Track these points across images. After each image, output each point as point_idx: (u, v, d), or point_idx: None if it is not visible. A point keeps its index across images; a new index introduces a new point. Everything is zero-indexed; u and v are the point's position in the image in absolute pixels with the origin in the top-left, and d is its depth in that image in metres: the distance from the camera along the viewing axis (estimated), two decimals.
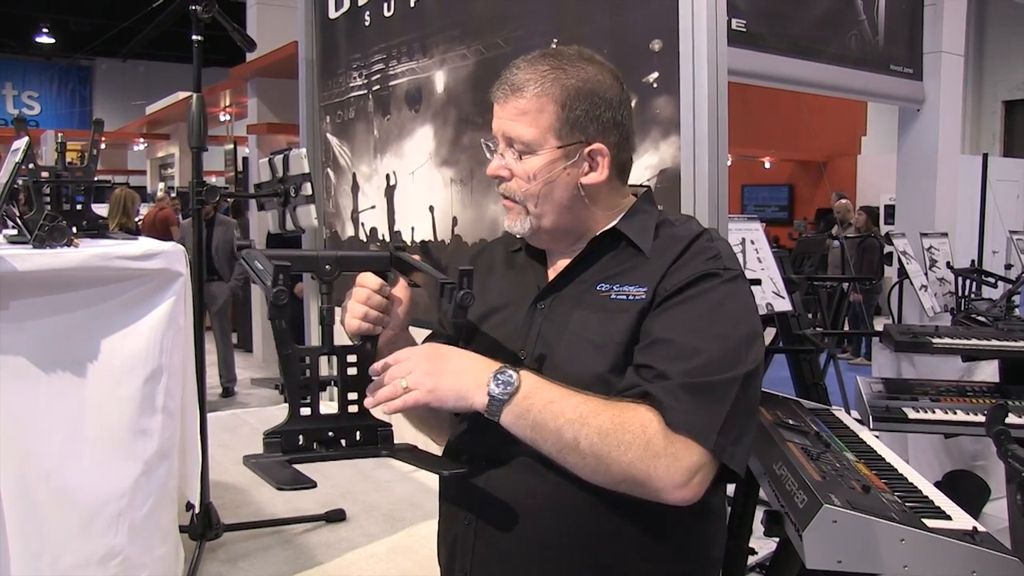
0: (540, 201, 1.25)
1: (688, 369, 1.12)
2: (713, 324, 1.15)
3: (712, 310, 1.17)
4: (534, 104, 1.22)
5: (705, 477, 1.10)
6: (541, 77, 1.22)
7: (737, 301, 1.20)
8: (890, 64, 3.96)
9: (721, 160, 2.20)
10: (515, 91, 1.23)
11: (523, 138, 1.23)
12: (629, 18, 2.51)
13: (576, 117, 1.22)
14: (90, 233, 2.47)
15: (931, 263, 4.32)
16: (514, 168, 1.24)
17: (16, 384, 2.03)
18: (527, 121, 1.22)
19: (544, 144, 1.22)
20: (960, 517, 1.43)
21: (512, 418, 1.11)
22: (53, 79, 21.39)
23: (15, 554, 2.00)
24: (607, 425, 1.09)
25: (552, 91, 1.22)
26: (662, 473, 1.08)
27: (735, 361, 1.13)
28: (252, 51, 3.55)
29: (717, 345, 1.14)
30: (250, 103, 8.74)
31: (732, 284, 1.20)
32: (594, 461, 1.09)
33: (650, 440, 1.08)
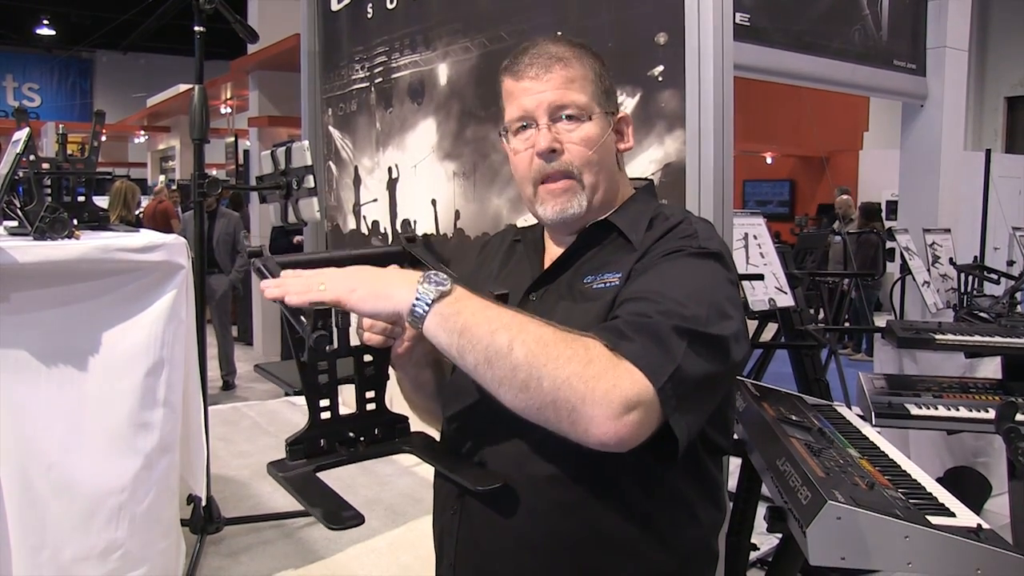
0: (597, 169, 1.24)
1: (639, 309, 1.06)
2: (675, 281, 1.10)
3: (675, 272, 1.13)
4: (580, 71, 1.24)
5: (641, 420, 0.98)
6: (575, 48, 1.26)
7: (705, 271, 1.14)
8: (893, 59, 3.94)
9: (726, 154, 2.19)
10: (559, 60, 1.23)
11: (577, 102, 1.23)
12: (634, 11, 2.50)
13: (607, 88, 1.28)
14: (91, 225, 2.47)
15: (933, 259, 4.32)
16: (567, 138, 1.22)
17: (17, 377, 2.03)
18: (576, 88, 1.23)
19: (594, 110, 1.24)
20: (964, 514, 1.43)
21: (439, 320, 1.01)
22: (54, 71, 21.37)
23: (16, 547, 2.00)
24: (548, 336, 1.00)
25: (589, 62, 1.26)
26: (599, 397, 0.96)
27: (693, 318, 1.05)
28: (254, 43, 3.55)
29: (673, 300, 1.06)
30: (251, 96, 8.73)
31: (703, 259, 1.15)
32: (525, 373, 0.98)
33: (593, 359, 0.99)
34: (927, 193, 4.34)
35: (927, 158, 4.25)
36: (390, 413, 1.24)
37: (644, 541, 1.17)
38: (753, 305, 3.38)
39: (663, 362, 1.01)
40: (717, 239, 1.22)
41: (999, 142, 12.76)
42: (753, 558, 2.58)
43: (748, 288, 3.38)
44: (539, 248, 1.35)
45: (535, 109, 1.23)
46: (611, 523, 1.15)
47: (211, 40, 2.97)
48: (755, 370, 4.01)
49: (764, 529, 1.64)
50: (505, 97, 1.28)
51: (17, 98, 20.77)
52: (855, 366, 6.74)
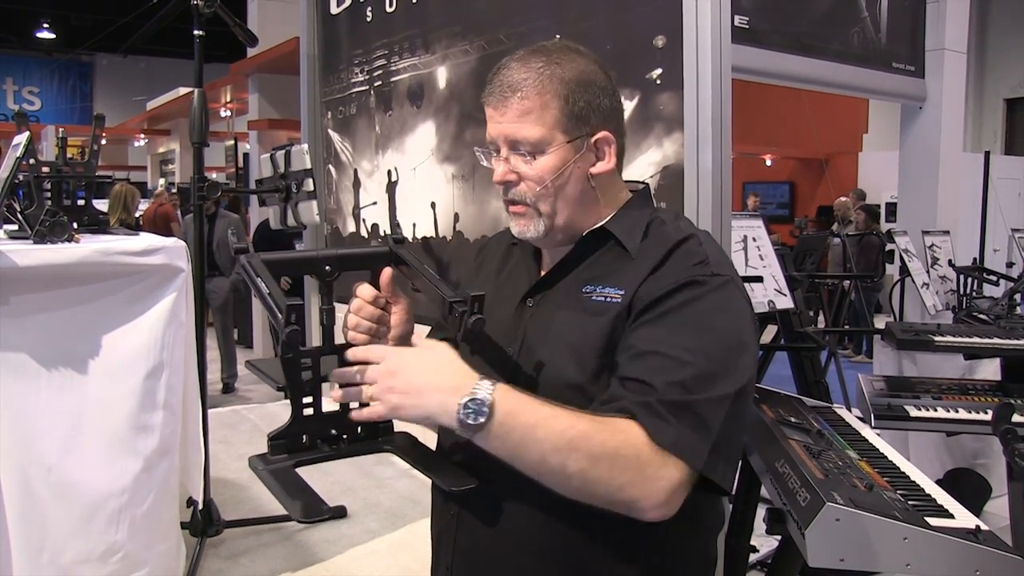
0: (553, 200, 1.22)
1: (677, 385, 1.08)
2: (701, 337, 1.11)
3: (699, 322, 1.13)
4: (536, 102, 1.18)
5: (683, 494, 1.07)
6: (538, 74, 1.19)
7: (727, 311, 1.15)
8: (892, 61, 3.95)
9: (725, 157, 2.19)
10: (514, 91, 1.19)
11: (530, 139, 1.19)
12: (633, 14, 2.50)
13: (580, 108, 1.20)
14: (91, 229, 2.47)
15: (933, 261, 4.32)
16: (522, 171, 1.21)
17: (17, 380, 2.03)
18: (532, 120, 1.19)
19: (552, 141, 1.19)
20: (963, 515, 1.43)
21: (486, 443, 1.05)
22: (54, 74, 21.38)
23: (16, 550, 2.00)
24: (599, 451, 1.04)
25: (552, 86, 1.19)
26: (647, 493, 1.05)
27: (725, 376, 1.09)
28: (254, 46, 3.55)
29: (704, 359, 1.09)
30: (251, 99, 8.74)
31: (721, 292, 1.15)
32: (580, 483, 1.05)
33: (644, 464, 1.05)
34: (926, 195, 4.34)
35: (926, 160, 4.25)
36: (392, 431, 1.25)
37: (643, 545, 1.17)
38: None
39: (703, 443, 1.07)
40: (726, 258, 1.21)
41: (998, 144, 12.76)
42: (752, 560, 2.58)
43: (748, 290, 3.37)
44: (536, 253, 1.34)
45: (496, 138, 1.22)
46: (609, 527, 1.15)
47: (211, 43, 2.97)
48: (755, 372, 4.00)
49: (763, 531, 1.65)
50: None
51: (17, 101, 20.79)
52: (855, 368, 6.74)
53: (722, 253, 1.22)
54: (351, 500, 3.28)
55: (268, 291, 1.11)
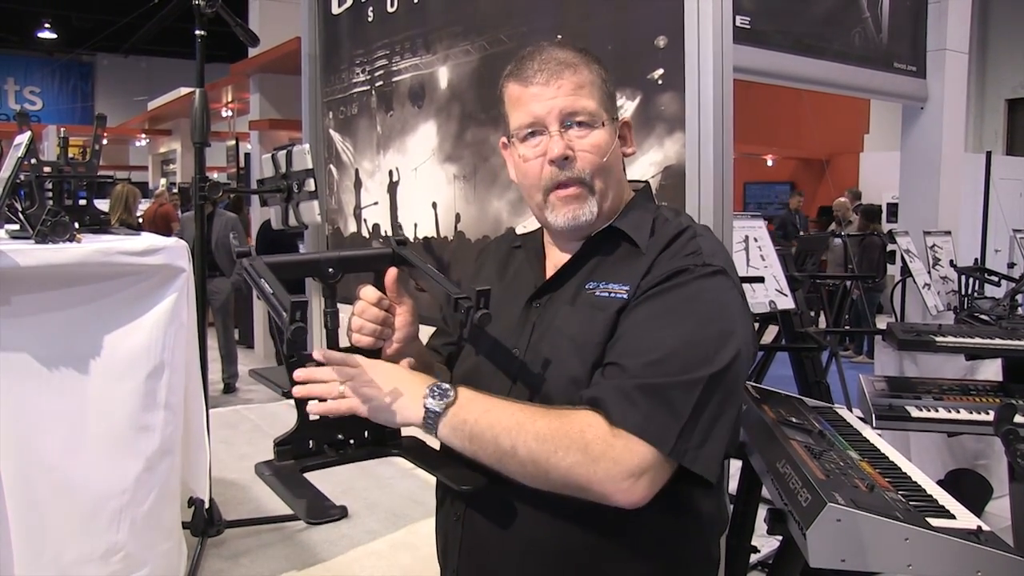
0: (607, 176, 1.23)
1: (646, 368, 1.09)
2: (679, 321, 1.12)
3: (679, 306, 1.13)
4: (589, 77, 1.23)
5: (654, 479, 1.07)
6: (581, 54, 1.25)
7: (710, 297, 1.15)
8: (894, 62, 3.95)
9: (726, 157, 2.19)
10: (569, 66, 1.21)
11: (588, 109, 1.21)
12: (634, 14, 2.50)
13: (612, 93, 1.27)
14: (92, 228, 2.47)
15: (934, 261, 4.31)
16: (579, 145, 1.21)
17: (18, 379, 2.03)
18: (586, 94, 1.21)
19: (603, 116, 1.23)
20: (964, 516, 1.43)
21: (449, 431, 1.10)
22: (55, 74, 21.39)
23: (17, 549, 2.00)
24: (544, 430, 1.07)
25: (595, 68, 1.25)
26: (602, 477, 1.05)
27: (701, 360, 1.09)
28: (255, 46, 3.55)
29: (681, 342, 1.10)
30: (252, 99, 8.74)
31: (707, 280, 1.15)
32: (533, 467, 1.07)
33: (588, 444, 1.06)
34: (927, 195, 4.34)
35: (927, 160, 4.25)
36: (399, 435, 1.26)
37: (648, 546, 1.18)
38: (753, 308, 3.38)
39: (669, 425, 1.07)
40: (722, 251, 1.22)
41: (1000, 144, 12.76)
42: (753, 560, 2.58)
43: (749, 291, 3.38)
44: (540, 255, 1.34)
45: (546, 115, 1.20)
46: (614, 528, 1.15)
47: (212, 43, 2.98)
48: (756, 372, 4.01)
49: (764, 531, 1.64)
50: (510, 104, 1.25)
51: (18, 101, 20.80)
52: (856, 368, 6.74)
53: (719, 246, 1.23)
54: (352, 500, 3.28)
55: (272, 291, 1.11)
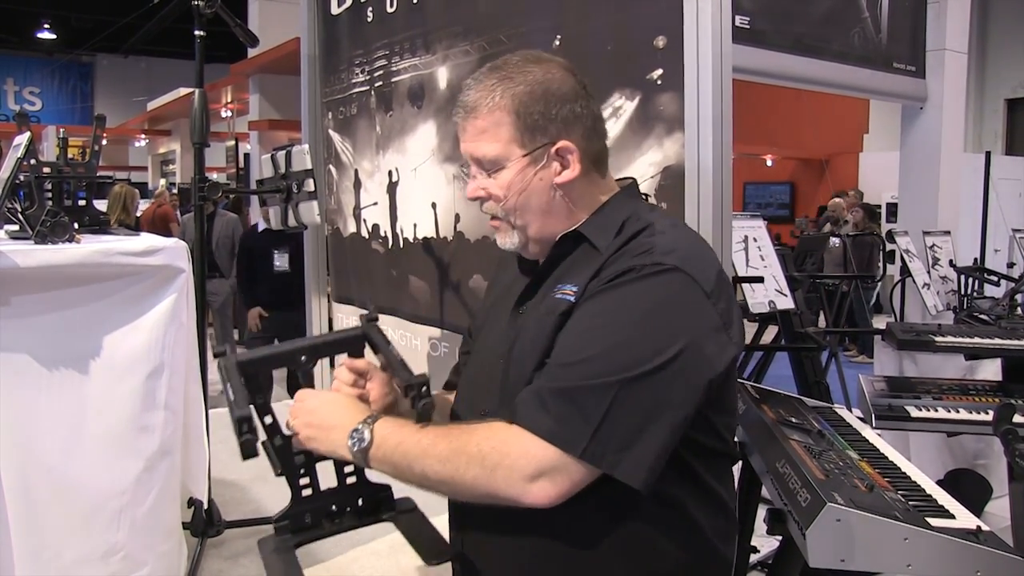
0: (521, 212, 1.26)
1: (566, 370, 1.12)
2: (609, 322, 1.13)
3: (612, 307, 1.14)
4: (490, 120, 1.23)
5: (560, 481, 1.08)
6: (490, 91, 1.23)
7: (650, 296, 1.13)
8: (893, 62, 3.95)
9: (725, 157, 2.19)
10: (469, 112, 1.24)
11: (488, 155, 1.24)
12: (633, 14, 2.50)
13: (534, 121, 1.22)
14: (92, 229, 2.47)
15: (933, 261, 4.32)
16: (489, 187, 1.26)
17: (18, 380, 2.03)
18: (488, 138, 1.23)
19: (510, 156, 1.23)
20: (964, 516, 1.43)
21: (376, 465, 1.18)
22: (54, 75, 21.40)
23: (17, 550, 2.00)
24: (445, 452, 1.13)
25: (503, 102, 1.22)
26: (501, 484, 1.09)
27: (625, 363, 1.08)
28: (254, 47, 3.55)
29: (607, 344, 1.11)
30: (252, 99, 8.76)
31: (651, 279, 1.13)
32: (447, 488, 1.15)
33: (484, 456, 1.10)
34: (927, 195, 4.34)
35: (927, 160, 4.25)
36: (371, 484, 1.31)
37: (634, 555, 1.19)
38: (753, 308, 3.38)
39: (579, 428, 1.08)
40: (682, 247, 1.19)
41: (999, 144, 12.76)
42: (753, 560, 2.58)
43: (748, 291, 3.38)
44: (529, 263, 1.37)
45: (465, 155, 1.28)
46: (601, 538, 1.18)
47: (211, 44, 2.97)
48: (755, 372, 4.01)
49: (764, 531, 1.65)
50: None
51: (18, 102, 20.81)
52: (856, 368, 6.74)
53: (684, 243, 1.21)
54: None
55: (232, 398, 1.19)
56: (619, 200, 1.30)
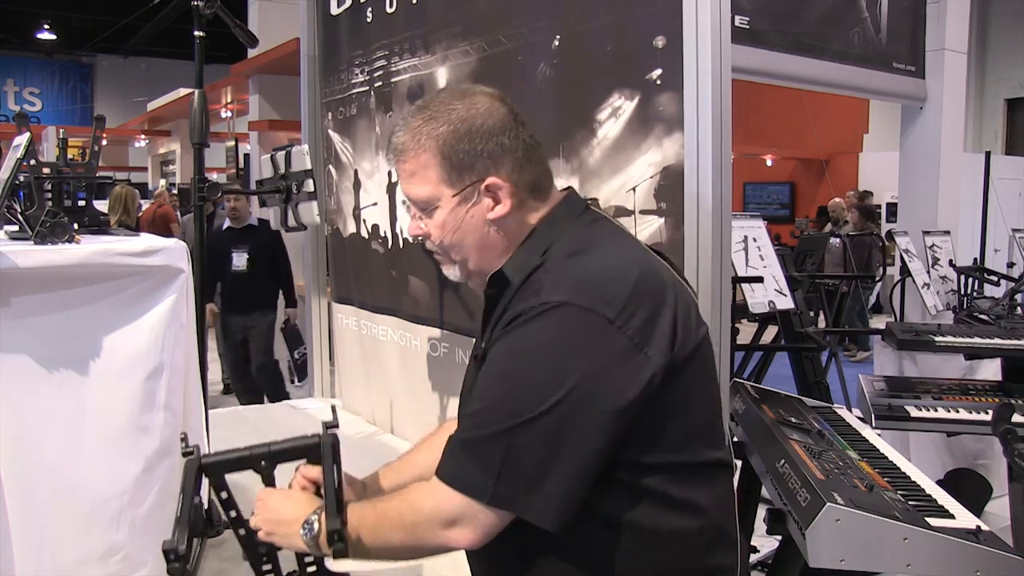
0: (458, 249, 1.28)
1: (468, 421, 1.17)
2: (499, 371, 1.17)
3: (501, 356, 1.17)
4: (416, 162, 1.24)
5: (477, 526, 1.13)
6: (415, 134, 1.24)
7: (535, 339, 1.13)
8: (893, 62, 3.95)
9: (725, 157, 2.19)
10: (398, 155, 1.26)
11: (420, 197, 1.26)
12: (632, 15, 2.50)
13: (460, 160, 1.22)
14: (91, 230, 2.47)
15: (933, 261, 4.32)
16: (426, 226, 1.28)
17: (17, 381, 2.03)
18: (417, 180, 1.25)
19: (441, 196, 1.24)
20: (963, 516, 1.43)
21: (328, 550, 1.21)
22: (54, 75, 21.39)
23: (17, 550, 2.00)
24: (371, 522, 1.20)
25: (428, 144, 1.23)
26: (425, 536, 1.17)
27: (515, 409, 1.10)
28: (254, 47, 3.54)
29: (499, 394, 1.15)
30: (251, 100, 8.75)
31: (535, 321, 1.13)
32: (387, 554, 1.22)
33: (402, 516, 1.18)
34: (927, 195, 4.34)
35: (927, 160, 4.25)
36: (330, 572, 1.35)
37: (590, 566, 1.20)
38: (753, 308, 3.38)
39: (481, 477, 1.12)
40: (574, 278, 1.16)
41: (999, 144, 12.77)
42: (753, 560, 2.58)
43: (748, 291, 3.38)
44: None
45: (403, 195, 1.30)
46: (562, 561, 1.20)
47: (211, 44, 2.97)
48: (755, 372, 4.01)
49: (764, 531, 1.65)
50: None
51: (18, 102, 20.80)
52: (856, 368, 6.73)
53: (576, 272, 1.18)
54: None
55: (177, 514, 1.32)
56: (543, 228, 1.28)
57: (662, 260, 1.31)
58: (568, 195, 1.34)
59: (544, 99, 2.82)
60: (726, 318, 2.12)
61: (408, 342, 3.75)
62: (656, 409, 1.16)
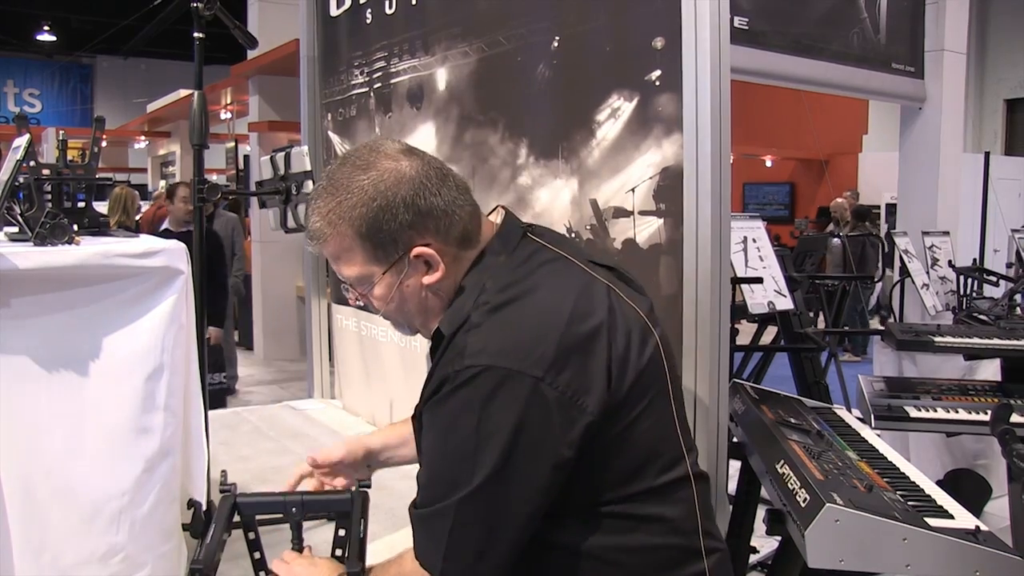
0: (403, 316, 1.29)
1: (418, 497, 1.19)
2: (433, 447, 1.17)
3: (432, 432, 1.17)
4: (338, 246, 1.21)
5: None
6: (328, 220, 1.19)
7: (466, 406, 1.10)
8: (892, 62, 3.95)
9: (724, 158, 2.19)
10: (316, 240, 1.22)
11: (351, 277, 1.24)
12: (631, 16, 2.50)
13: (382, 239, 1.18)
14: (91, 231, 2.47)
15: (933, 262, 4.32)
16: (366, 297, 1.27)
17: (17, 382, 2.03)
18: (344, 263, 1.23)
19: (372, 274, 1.22)
20: (963, 516, 1.43)
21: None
22: (54, 77, 21.38)
23: (17, 551, 2.00)
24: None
25: (344, 228, 1.18)
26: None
27: (455, 482, 1.11)
28: (254, 49, 3.54)
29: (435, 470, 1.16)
30: (251, 101, 8.74)
31: (460, 391, 1.10)
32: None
33: None
34: (926, 196, 4.34)
35: (926, 161, 4.25)
36: None
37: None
38: (752, 308, 3.38)
39: (434, 550, 1.15)
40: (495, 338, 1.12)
41: (998, 144, 12.76)
42: (753, 561, 2.58)
43: (747, 291, 3.38)
44: None
45: None
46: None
47: (211, 45, 2.97)
48: (755, 373, 4.01)
49: (763, 532, 1.65)
50: None
51: (18, 104, 20.79)
52: (855, 368, 6.73)
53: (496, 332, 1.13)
54: None
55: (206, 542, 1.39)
56: (473, 276, 1.24)
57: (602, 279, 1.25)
58: (501, 229, 1.29)
59: (543, 100, 2.83)
60: (725, 318, 2.12)
61: (408, 343, 3.76)
62: (599, 451, 1.15)
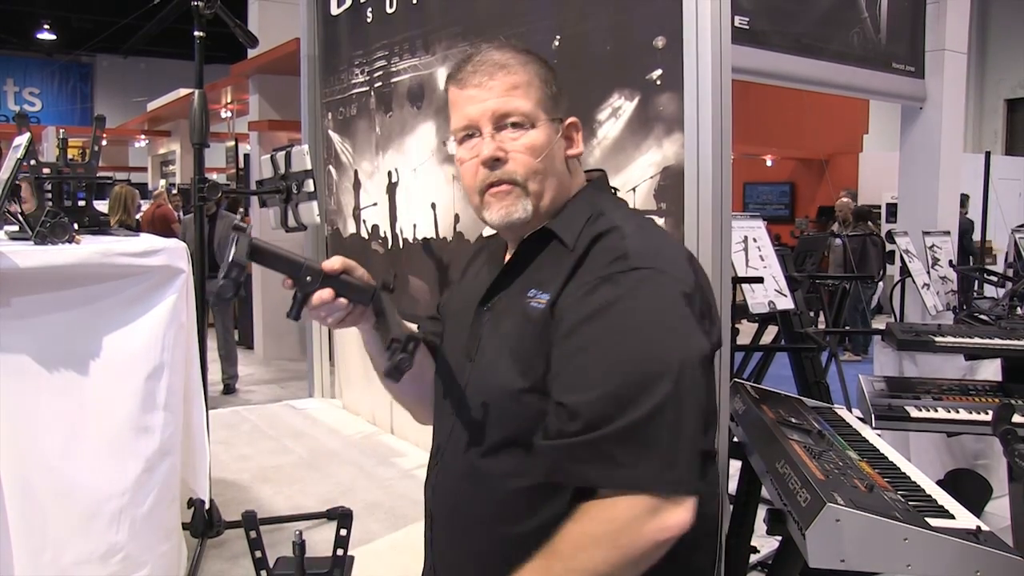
0: (541, 178, 1.22)
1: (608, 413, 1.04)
2: (619, 348, 1.07)
3: (617, 326, 1.08)
4: (524, 77, 1.22)
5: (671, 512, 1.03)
6: (519, 55, 1.24)
7: (644, 305, 1.09)
8: (892, 62, 3.95)
9: (725, 157, 2.19)
10: (502, 67, 1.21)
11: (521, 110, 1.21)
12: (633, 15, 2.50)
13: (555, 93, 1.26)
14: (92, 230, 2.47)
15: (933, 261, 4.32)
16: (511, 147, 1.20)
17: (18, 381, 2.03)
18: (521, 94, 1.21)
19: (539, 117, 1.22)
20: (963, 516, 1.43)
21: None
22: (54, 75, 21.38)
23: (17, 550, 2.00)
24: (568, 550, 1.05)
25: (533, 68, 1.24)
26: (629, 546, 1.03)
27: (654, 382, 1.04)
28: (254, 47, 3.55)
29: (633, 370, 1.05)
30: (252, 100, 8.73)
31: (639, 288, 1.10)
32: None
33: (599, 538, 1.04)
34: (927, 195, 4.34)
35: (927, 160, 4.25)
36: None
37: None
38: (753, 308, 3.38)
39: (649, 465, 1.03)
40: (653, 247, 1.16)
41: (999, 144, 12.77)
42: (753, 560, 2.58)
43: (748, 291, 3.38)
44: (499, 258, 1.34)
45: (479, 117, 1.21)
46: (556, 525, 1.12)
47: (211, 44, 2.97)
48: (755, 373, 4.01)
49: (764, 531, 1.65)
50: (450, 106, 1.26)
51: (18, 102, 20.79)
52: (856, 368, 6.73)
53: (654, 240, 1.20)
54: (352, 501, 3.28)
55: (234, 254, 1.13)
56: (588, 194, 1.28)
57: None
58: (601, 173, 1.37)
59: None
60: (726, 318, 2.12)
61: None
62: None
